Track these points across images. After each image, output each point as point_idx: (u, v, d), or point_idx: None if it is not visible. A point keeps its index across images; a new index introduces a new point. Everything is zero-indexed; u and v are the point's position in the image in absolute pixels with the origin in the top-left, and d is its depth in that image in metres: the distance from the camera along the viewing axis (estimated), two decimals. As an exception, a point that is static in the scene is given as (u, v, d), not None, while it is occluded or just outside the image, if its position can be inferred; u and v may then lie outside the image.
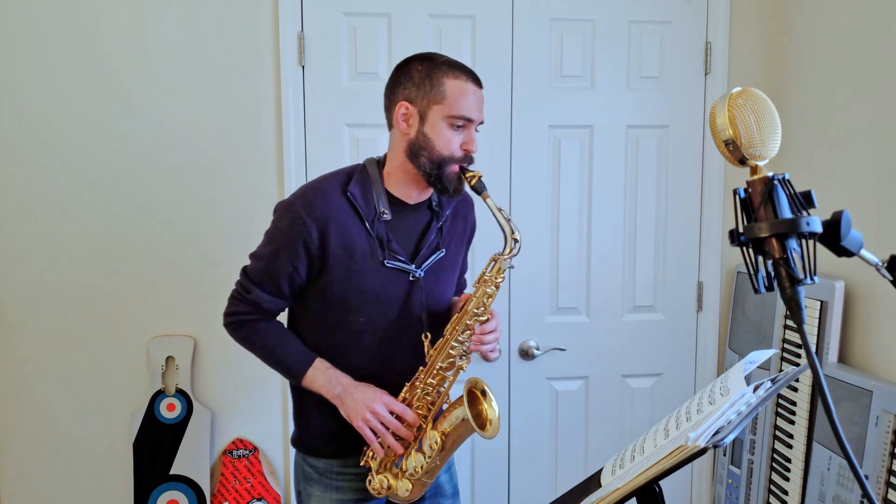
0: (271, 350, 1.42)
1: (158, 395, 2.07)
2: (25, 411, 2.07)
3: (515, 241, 1.37)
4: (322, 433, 1.48)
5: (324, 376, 1.39)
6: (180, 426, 2.07)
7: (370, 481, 1.42)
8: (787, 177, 0.79)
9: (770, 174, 0.79)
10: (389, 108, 1.41)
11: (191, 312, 2.09)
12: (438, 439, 1.36)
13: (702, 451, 0.81)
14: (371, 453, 1.42)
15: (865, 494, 0.72)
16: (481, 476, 2.27)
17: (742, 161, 0.80)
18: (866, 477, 1.64)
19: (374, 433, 1.37)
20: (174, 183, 2.06)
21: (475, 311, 1.38)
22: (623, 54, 2.19)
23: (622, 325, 2.27)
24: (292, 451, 2.14)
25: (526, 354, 2.22)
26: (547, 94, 2.17)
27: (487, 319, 1.41)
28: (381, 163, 1.45)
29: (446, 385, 1.41)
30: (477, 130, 1.41)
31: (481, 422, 1.36)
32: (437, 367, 1.39)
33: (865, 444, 1.65)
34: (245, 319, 1.42)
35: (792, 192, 0.79)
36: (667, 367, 2.31)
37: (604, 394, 2.29)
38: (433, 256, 1.45)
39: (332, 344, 1.43)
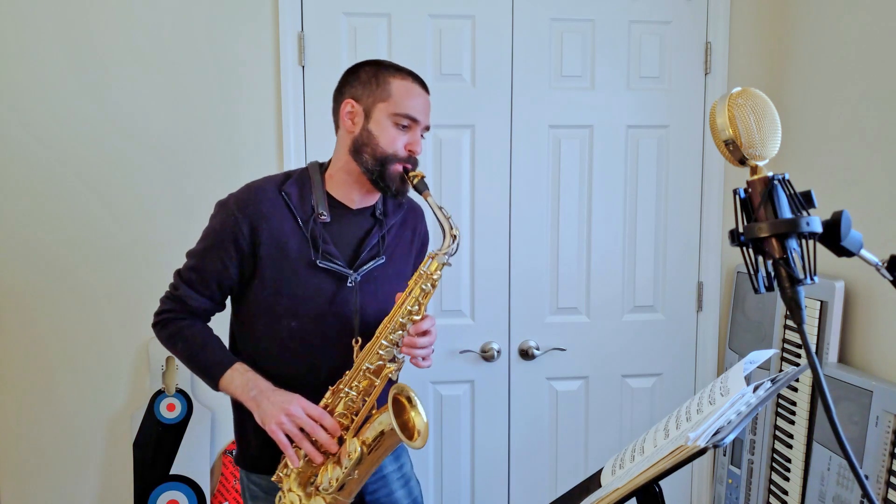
0: (193, 350, 1.37)
1: (158, 395, 2.07)
2: (25, 411, 2.07)
3: (454, 237, 1.34)
4: (262, 448, 1.40)
5: (241, 378, 1.32)
6: (180, 426, 2.07)
7: (280, 499, 1.33)
8: (787, 177, 0.79)
9: (770, 174, 0.79)
10: (336, 109, 1.42)
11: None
12: (358, 448, 1.27)
13: (702, 451, 0.81)
14: (285, 468, 1.33)
15: (865, 494, 0.72)
16: (481, 476, 2.27)
17: (742, 161, 0.80)
18: (866, 477, 1.64)
19: (290, 440, 1.28)
20: (174, 183, 2.07)
21: (409, 308, 1.32)
22: (623, 54, 2.19)
23: (622, 325, 2.27)
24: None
25: (526, 354, 2.22)
26: (547, 94, 2.17)
27: (422, 318, 1.34)
28: (324, 165, 1.45)
29: (373, 391, 1.32)
30: (423, 136, 1.41)
31: (408, 432, 1.28)
32: (364, 368, 1.32)
33: (865, 444, 1.65)
34: (170, 318, 1.39)
35: (792, 192, 0.79)
36: (667, 367, 2.31)
37: (604, 394, 2.29)
38: (372, 262, 1.41)
39: (263, 353, 1.39)
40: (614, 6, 2.17)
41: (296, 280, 1.36)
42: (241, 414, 1.43)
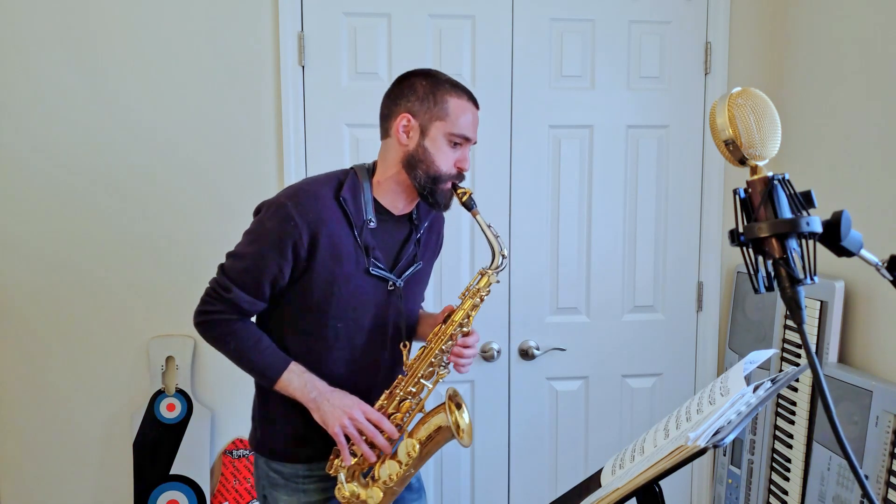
0: (246, 351, 1.39)
1: (158, 395, 2.07)
2: (25, 411, 2.07)
3: (503, 256, 1.42)
4: (288, 437, 1.45)
5: (299, 380, 1.37)
6: (180, 426, 2.07)
7: (339, 489, 1.40)
8: (787, 177, 0.79)
9: (770, 174, 0.79)
10: (388, 117, 1.42)
11: (191, 312, 2.07)
12: (416, 446, 1.38)
13: (702, 451, 0.81)
14: (339, 462, 1.40)
15: (865, 494, 0.72)
16: (481, 476, 2.27)
17: (742, 161, 0.80)
18: (866, 477, 1.64)
19: (348, 440, 1.36)
20: (174, 183, 2.06)
21: (461, 322, 1.41)
22: (623, 54, 2.19)
23: (622, 325, 2.27)
24: (292, 451, 2.15)
25: (526, 354, 2.22)
26: (547, 94, 2.17)
27: (468, 333, 1.44)
28: (370, 170, 1.45)
29: (424, 394, 1.42)
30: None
31: (457, 431, 1.40)
32: (419, 375, 1.41)
33: (865, 444, 1.65)
34: (220, 319, 1.39)
35: (792, 192, 0.79)
36: (667, 367, 2.31)
37: (604, 394, 2.29)
38: (412, 268, 1.48)
39: (305, 350, 1.41)
40: (614, 6, 2.17)
41: (346, 285, 1.38)
42: (267, 403, 1.47)
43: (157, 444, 2.06)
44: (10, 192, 2.01)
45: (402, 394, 1.41)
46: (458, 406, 1.43)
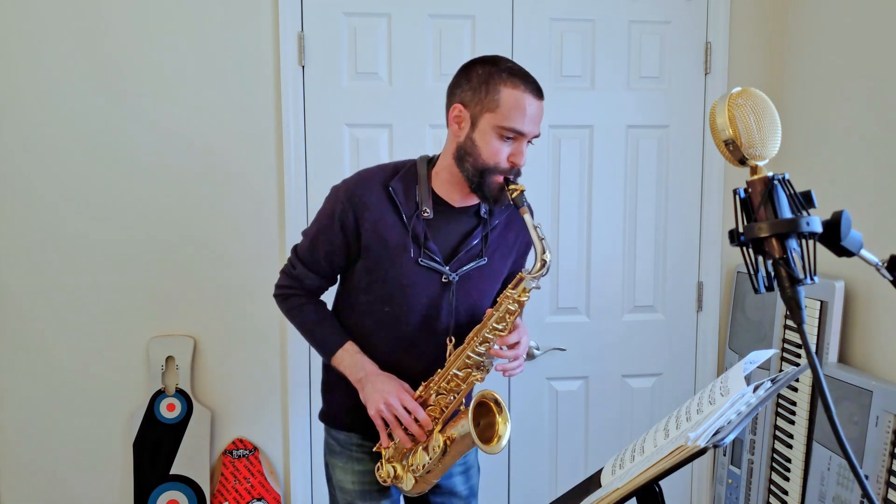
0: (309, 326, 1.49)
1: (158, 395, 2.07)
2: (25, 411, 2.07)
3: (544, 262, 1.34)
4: (344, 407, 1.51)
5: (350, 359, 1.43)
6: (180, 426, 2.07)
7: (378, 468, 1.46)
8: (787, 177, 0.79)
9: (770, 174, 0.79)
10: (447, 107, 1.41)
11: (191, 312, 2.09)
12: (442, 443, 1.37)
13: (702, 451, 0.81)
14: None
15: (865, 494, 0.72)
16: (481, 476, 2.26)
17: (742, 161, 0.80)
18: (866, 477, 1.64)
19: (386, 424, 1.39)
20: (174, 183, 2.06)
21: (495, 325, 1.37)
22: (623, 54, 2.19)
23: (622, 325, 2.27)
24: (292, 451, 2.16)
25: (526, 354, 2.22)
26: (547, 94, 2.13)
27: (510, 332, 1.39)
28: (432, 161, 1.46)
29: (460, 392, 1.41)
30: (531, 143, 1.39)
31: (490, 434, 1.36)
32: (453, 372, 1.40)
33: (865, 444, 1.65)
34: (290, 294, 1.50)
35: (792, 192, 0.79)
36: (667, 367, 2.31)
37: (604, 394, 2.29)
38: (473, 263, 1.44)
39: (360, 326, 1.47)
40: (614, 6, 2.17)
41: (394, 271, 1.41)
42: (330, 377, 1.55)
43: (157, 444, 2.06)
44: (10, 191, 2.01)
45: (437, 388, 1.41)
46: (497, 404, 1.38)
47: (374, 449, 1.46)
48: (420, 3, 2.09)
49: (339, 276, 1.54)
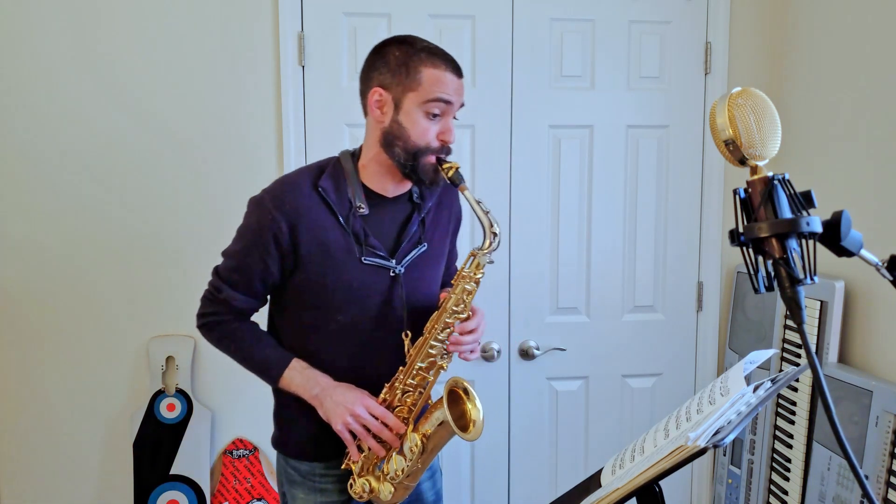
0: (246, 351, 1.37)
1: (158, 395, 2.07)
2: (25, 411, 2.07)
3: (495, 234, 1.30)
4: (303, 436, 1.43)
5: (301, 377, 1.34)
6: (180, 426, 2.07)
7: (352, 485, 1.39)
8: (787, 177, 0.79)
9: (770, 174, 0.79)
10: (364, 93, 1.35)
11: (191, 312, 2.06)
12: (419, 442, 1.32)
13: (702, 451, 0.81)
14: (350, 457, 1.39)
15: (865, 494, 0.72)
16: (481, 476, 2.27)
17: (742, 161, 0.80)
18: (866, 477, 1.64)
19: (354, 436, 1.33)
20: (174, 183, 2.06)
21: (454, 308, 1.33)
22: (623, 54, 2.19)
23: (622, 325, 2.27)
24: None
25: (526, 354, 2.22)
26: (547, 94, 2.17)
27: (468, 317, 1.36)
28: (355, 154, 1.39)
29: (427, 385, 1.37)
30: (456, 118, 1.34)
31: (464, 423, 1.31)
32: (417, 367, 1.34)
33: (865, 444, 1.65)
34: (218, 320, 1.38)
35: (792, 191, 0.79)
36: (667, 367, 2.31)
37: (604, 394, 2.29)
38: (414, 251, 1.40)
39: (310, 345, 1.38)
40: (614, 6, 2.17)
41: (341, 276, 1.33)
42: (282, 402, 1.45)
43: (157, 444, 2.06)
44: (10, 191, 2.01)
45: (402, 386, 1.35)
46: (467, 393, 1.33)
47: (343, 466, 1.39)
48: (420, 3, 2.09)
49: (269, 298, 1.43)
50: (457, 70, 1.32)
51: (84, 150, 2.02)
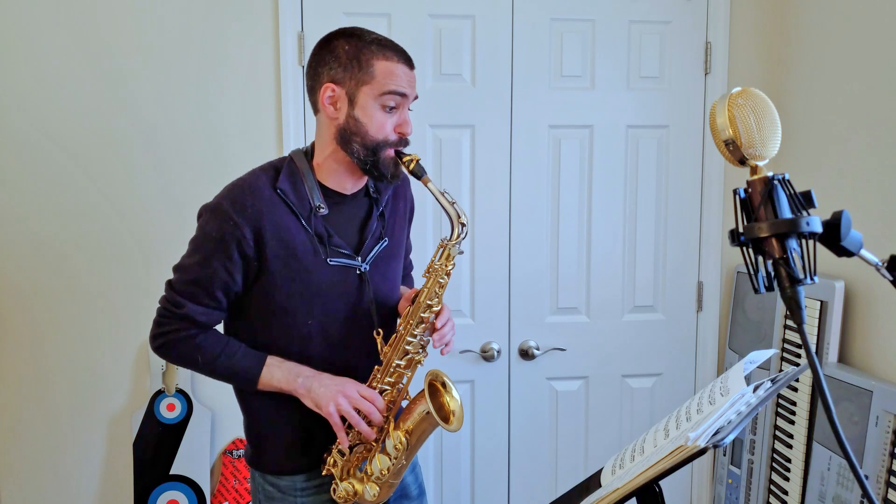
0: (216, 360, 1.30)
1: (158, 395, 2.07)
2: (25, 411, 2.07)
3: (462, 224, 1.29)
4: (280, 450, 1.37)
5: (281, 370, 1.29)
6: (180, 426, 2.07)
7: (335, 489, 1.34)
8: (787, 177, 0.79)
9: (770, 174, 0.79)
10: (314, 89, 1.30)
11: (191, 312, 2.09)
12: (403, 438, 1.29)
13: (702, 451, 0.81)
14: (332, 460, 1.34)
15: (865, 494, 0.72)
16: (481, 476, 2.27)
17: (742, 161, 0.80)
18: (866, 477, 1.64)
19: (343, 420, 1.28)
20: (174, 183, 2.07)
21: (428, 302, 1.32)
22: (623, 54, 2.19)
23: (622, 325, 2.27)
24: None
25: (526, 354, 2.22)
26: (547, 94, 2.17)
27: (439, 312, 1.34)
28: (308, 153, 1.35)
29: (405, 381, 1.34)
30: (410, 109, 1.31)
31: (444, 414, 1.31)
32: (394, 364, 1.32)
33: (865, 444, 1.65)
34: (178, 337, 1.30)
35: (792, 192, 0.79)
36: (667, 367, 2.31)
37: (604, 394, 2.29)
38: (377, 247, 1.37)
39: (281, 352, 1.32)
40: (614, 6, 2.17)
41: (308, 278, 1.29)
42: (253, 416, 1.40)
43: (157, 444, 2.06)
44: (10, 191, 2.01)
45: (380, 385, 1.32)
46: (444, 385, 1.32)
47: (324, 472, 1.35)
48: (420, 3, 2.09)
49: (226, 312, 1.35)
50: (409, 61, 1.30)
51: (84, 150, 2.02)
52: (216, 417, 2.13)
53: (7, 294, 2.04)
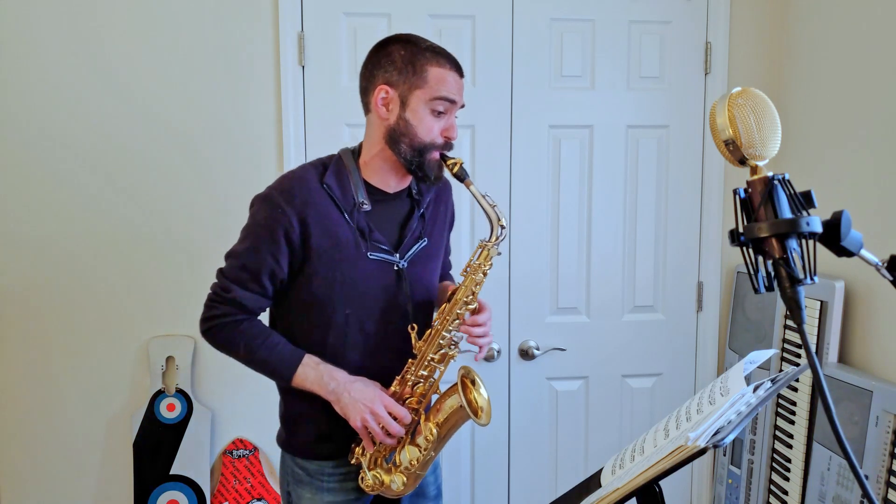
0: (257, 351, 1.35)
1: (158, 395, 2.07)
2: (25, 411, 2.07)
3: (502, 227, 1.36)
4: (311, 435, 1.44)
5: (315, 373, 1.34)
6: (180, 426, 2.07)
7: (363, 478, 1.40)
8: (787, 177, 0.79)
9: (770, 174, 0.79)
10: (367, 90, 1.37)
11: (191, 312, 2.07)
12: (434, 430, 1.35)
13: (702, 451, 0.81)
14: (360, 449, 1.40)
15: (865, 494, 0.72)
16: (481, 476, 2.27)
17: (742, 161, 0.80)
18: (866, 477, 1.64)
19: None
20: (174, 183, 2.07)
21: (464, 300, 1.37)
22: (623, 54, 2.19)
23: (622, 325, 2.27)
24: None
25: (526, 354, 2.22)
26: (547, 94, 2.17)
27: (477, 309, 1.40)
28: (356, 152, 1.42)
29: (437, 376, 1.40)
30: (456, 117, 1.39)
31: (473, 409, 1.36)
32: (429, 358, 1.38)
33: (865, 444, 1.65)
34: (226, 322, 1.35)
35: (792, 192, 0.79)
36: (667, 367, 2.31)
37: (604, 394, 2.29)
38: (416, 246, 1.43)
39: (318, 342, 1.38)
40: (614, 6, 2.17)
41: (349, 270, 1.35)
42: (290, 402, 1.46)
43: (157, 444, 2.06)
44: (10, 191, 2.01)
45: (413, 378, 1.38)
46: (473, 382, 1.38)
47: (353, 461, 1.41)
48: (420, 3, 2.09)
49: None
50: (460, 70, 1.37)
51: (84, 150, 2.02)
52: (216, 417, 2.13)
53: (7, 294, 2.04)
